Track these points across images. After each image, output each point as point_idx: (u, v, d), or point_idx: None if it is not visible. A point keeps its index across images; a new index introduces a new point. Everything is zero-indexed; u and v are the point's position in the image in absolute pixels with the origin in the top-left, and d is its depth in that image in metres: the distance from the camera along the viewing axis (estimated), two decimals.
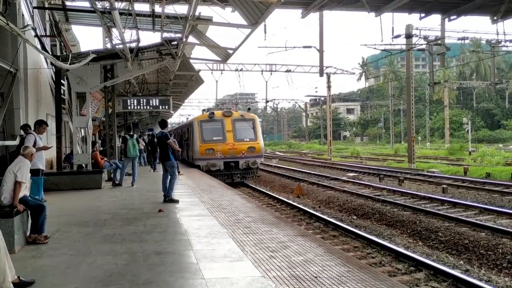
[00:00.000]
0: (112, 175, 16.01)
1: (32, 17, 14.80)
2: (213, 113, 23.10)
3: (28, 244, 6.87)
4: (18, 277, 4.99)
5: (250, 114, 24.27)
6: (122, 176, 15.31)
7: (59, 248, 6.68)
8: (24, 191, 6.94)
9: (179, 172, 15.21)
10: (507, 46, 31.40)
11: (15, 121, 12.97)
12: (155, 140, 24.33)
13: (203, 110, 26.81)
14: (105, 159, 16.08)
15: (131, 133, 16.24)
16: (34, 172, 8.73)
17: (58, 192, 13.01)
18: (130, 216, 9.32)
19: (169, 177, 11.28)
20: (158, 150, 12.32)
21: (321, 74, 35.85)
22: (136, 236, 7.42)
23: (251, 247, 6.56)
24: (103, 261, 5.96)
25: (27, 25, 12.49)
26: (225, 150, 22.00)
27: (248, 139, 22.64)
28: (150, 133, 33.45)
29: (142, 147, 26.98)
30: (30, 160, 7.16)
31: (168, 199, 11.05)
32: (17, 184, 6.68)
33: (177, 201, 10.96)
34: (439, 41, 27.30)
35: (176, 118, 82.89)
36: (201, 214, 9.52)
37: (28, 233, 6.99)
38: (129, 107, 19.14)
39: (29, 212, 7.00)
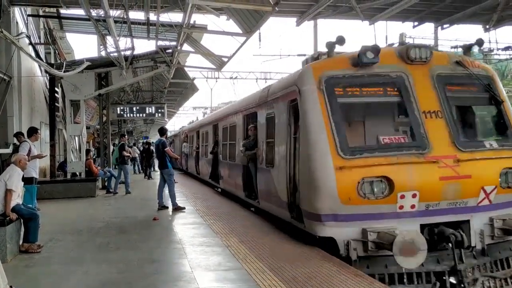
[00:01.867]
0: (106, 183, 15.93)
1: (26, 24, 14.80)
2: (376, 50, 7.08)
3: (21, 253, 6.80)
4: (11, 286, 4.92)
5: (479, 63, 8.37)
6: (116, 184, 15.25)
7: (52, 257, 6.62)
8: (17, 200, 6.88)
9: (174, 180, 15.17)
10: (499, 54, 31.64)
11: (8, 129, 12.90)
12: (151, 147, 24.38)
13: (330, 45, 7.58)
14: (99, 167, 16.00)
15: (119, 141, 16.36)
16: (28, 180, 8.67)
17: (52, 200, 12.90)
18: (125, 225, 9.27)
19: (165, 186, 11.28)
20: (156, 158, 12.23)
21: None
22: (130, 245, 7.36)
23: (245, 255, 6.51)
24: (97, 270, 5.90)
25: (21, 33, 12.52)
26: (431, 185, 6.67)
27: (495, 144, 7.33)
28: (145, 140, 33.37)
29: (137, 155, 26.95)
30: (22, 167, 7.10)
31: (174, 207, 11.02)
32: (7, 192, 6.63)
33: (183, 208, 10.98)
34: None
35: (171, 126, 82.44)
36: (196, 222, 9.47)
37: (21, 242, 6.92)
38: (123, 115, 19.11)
39: (22, 221, 6.94)
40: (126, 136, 19.02)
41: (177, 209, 10.97)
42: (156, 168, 25.76)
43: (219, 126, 15.43)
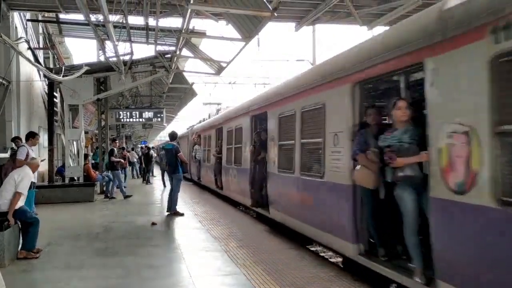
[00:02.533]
0: (104, 188, 15.92)
1: (25, 29, 14.82)
2: None
3: (19, 258, 6.77)
4: None
5: None
6: (112, 189, 15.23)
7: (50, 262, 6.59)
8: (19, 203, 6.87)
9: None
10: None
11: (6, 133, 12.90)
12: (151, 152, 24.32)
13: None
14: (97, 172, 15.98)
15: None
16: None
17: (50, 205, 12.86)
18: (123, 229, 9.24)
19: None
20: (168, 162, 11.96)
21: None
22: (128, 250, 7.34)
23: (244, 261, 6.50)
24: (95, 275, 5.88)
25: (20, 38, 12.52)
26: None
27: None
28: (144, 145, 33.32)
29: (135, 160, 26.96)
30: (34, 171, 7.17)
31: (173, 212, 11.05)
32: (16, 194, 6.65)
33: (182, 214, 10.96)
34: None
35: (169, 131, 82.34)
36: (195, 227, 9.45)
37: (19, 248, 6.88)
38: (122, 120, 19.12)
39: (20, 225, 6.90)
40: (117, 141, 19.01)
41: (175, 214, 10.96)
42: (155, 173, 25.81)
43: (270, 117, 9.54)
